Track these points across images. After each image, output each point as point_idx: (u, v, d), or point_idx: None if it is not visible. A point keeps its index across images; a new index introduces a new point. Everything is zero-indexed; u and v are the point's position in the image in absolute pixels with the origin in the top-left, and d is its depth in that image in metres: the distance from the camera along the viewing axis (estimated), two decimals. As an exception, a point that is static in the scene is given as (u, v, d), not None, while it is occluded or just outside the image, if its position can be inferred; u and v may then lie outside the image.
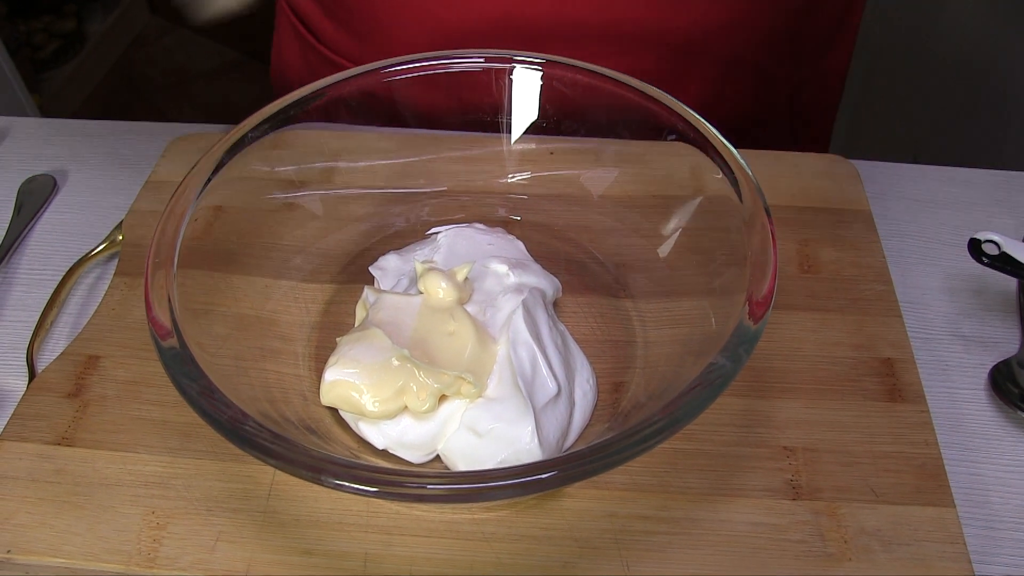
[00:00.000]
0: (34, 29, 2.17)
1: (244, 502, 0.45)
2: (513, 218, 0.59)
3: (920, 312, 0.56)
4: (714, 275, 0.48)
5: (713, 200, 0.49)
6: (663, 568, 0.42)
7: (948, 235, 0.61)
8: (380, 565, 0.42)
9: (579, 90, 0.54)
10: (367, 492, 0.34)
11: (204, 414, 0.37)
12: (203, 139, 0.66)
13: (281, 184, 0.56)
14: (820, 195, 0.61)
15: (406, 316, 0.47)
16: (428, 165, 0.61)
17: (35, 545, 0.43)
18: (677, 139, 0.50)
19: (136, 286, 0.55)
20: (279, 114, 0.51)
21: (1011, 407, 0.50)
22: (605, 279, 0.55)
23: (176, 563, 0.42)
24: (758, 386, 0.49)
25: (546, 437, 0.43)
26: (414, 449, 0.45)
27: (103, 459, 0.46)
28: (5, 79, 1.74)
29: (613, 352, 0.51)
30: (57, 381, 0.50)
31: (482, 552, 0.43)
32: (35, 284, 0.59)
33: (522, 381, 0.44)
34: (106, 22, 2.39)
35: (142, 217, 0.60)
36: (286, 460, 0.35)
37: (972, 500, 0.47)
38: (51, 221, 0.64)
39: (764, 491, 0.45)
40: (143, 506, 0.44)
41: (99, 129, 0.71)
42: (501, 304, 0.48)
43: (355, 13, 0.70)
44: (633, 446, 0.35)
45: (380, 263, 0.53)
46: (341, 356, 0.45)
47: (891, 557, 0.42)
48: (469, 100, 0.56)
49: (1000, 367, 0.52)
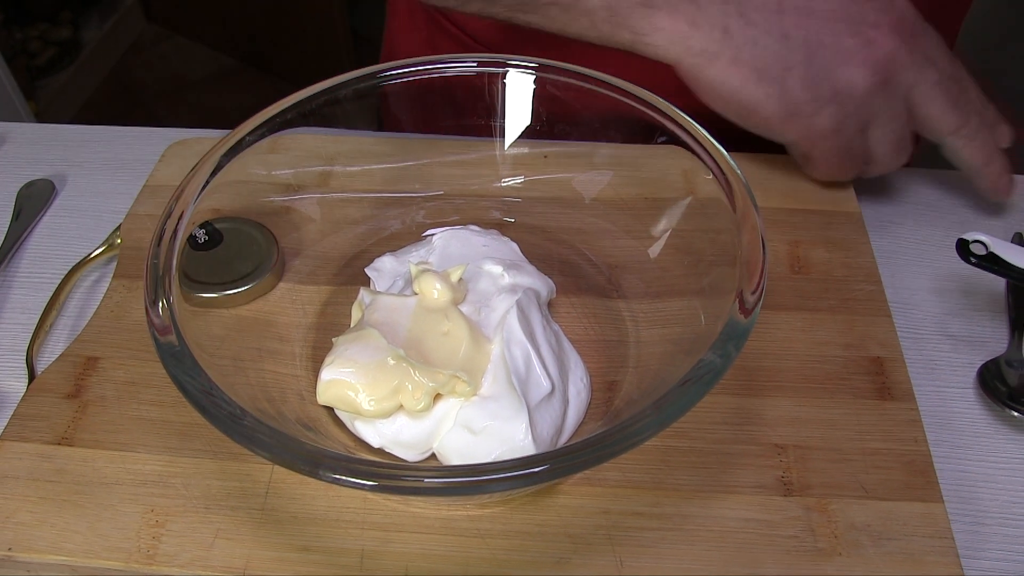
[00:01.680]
0: (30, 36, 2.18)
1: (242, 500, 0.45)
2: (507, 220, 0.59)
3: (909, 312, 0.57)
4: (705, 275, 0.49)
5: (704, 202, 0.50)
6: (656, 563, 0.43)
7: (937, 236, 0.62)
8: (377, 561, 0.43)
9: (572, 94, 0.54)
10: (365, 486, 0.35)
11: (203, 410, 0.38)
12: (200, 144, 0.66)
13: (278, 188, 0.56)
14: (811, 197, 0.61)
15: (401, 316, 0.48)
16: (423, 169, 0.61)
17: (36, 543, 0.43)
18: (669, 142, 0.50)
19: (135, 288, 0.56)
20: (276, 118, 0.52)
21: (999, 405, 0.51)
22: (598, 280, 0.55)
23: (175, 560, 0.43)
24: (750, 385, 0.50)
25: (540, 434, 0.43)
26: (410, 447, 0.45)
27: (103, 458, 0.47)
28: (2, 86, 1.74)
29: (606, 351, 0.51)
30: (57, 382, 0.50)
31: (477, 548, 0.43)
32: (34, 287, 0.59)
33: (516, 379, 0.44)
34: (102, 29, 2.40)
35: (140, 221, 0.60)
36: (284, 455, 0.36)
37: (960, 496, 0.48)
38: (50, 225, 0.64)
39: (756, 487, 0.45)
40: (142, 504, 0.45)
41: (97, 134, 0.72)
42: (496, 304, 0.48)
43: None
44: (624, 440, 0.36)
45: (376, 265, 0.54)
46: (337, 356, 0.46)
47: (880, 552, 0.43)
48: (463, 104, 0.57)
49: (988, 365, 0.53)
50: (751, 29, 0.55)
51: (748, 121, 0.57)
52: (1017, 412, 0.50)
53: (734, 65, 0.55)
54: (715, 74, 0.55)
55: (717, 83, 0.55)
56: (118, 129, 0.73)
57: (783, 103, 0.55)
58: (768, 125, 0.57)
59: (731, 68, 0.55)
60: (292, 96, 0.53)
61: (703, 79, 0.56)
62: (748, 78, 0.55)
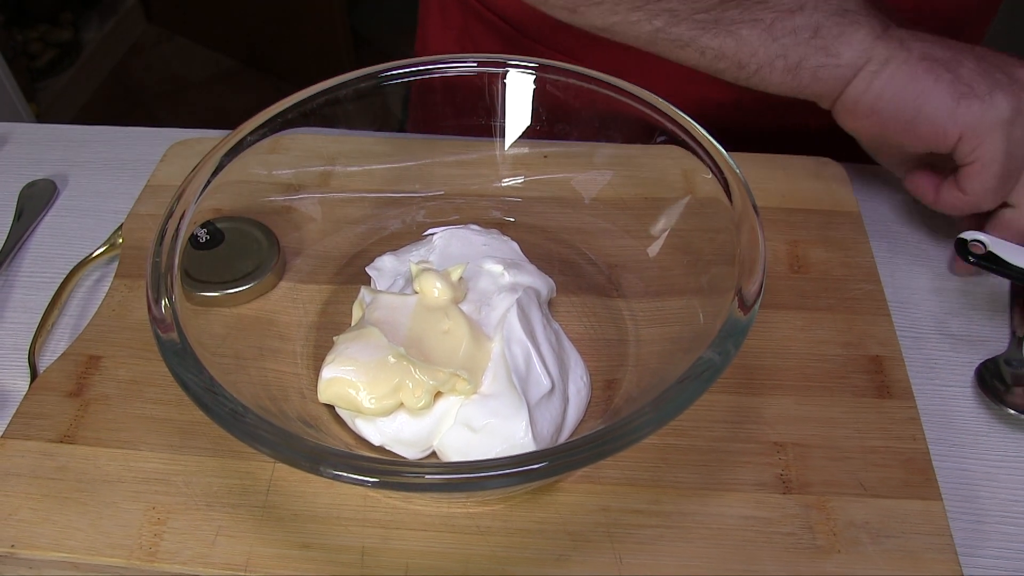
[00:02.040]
0: (31, 38, 2.18)
1: (243, 498, 0.45)
2: (508, 220, 0.60)
3: (909, 311, 0.57)
4: (704, 274, 0.49)
5: (703, 201, 0.50)
6: (655, 560, 0.43)
7: (936, 236, 0.62)
8: (377, 559, 0.43)
9: (572, 94, 0.55)
10: (366, 482, 0.35)
11: (205, 407, 0.38)
12: (201, 144, 0.66)
13: (279, 187, 0.56)
14: (810, 197, 0.62)
15: (402, 315, 0.48)
16: (423, 169, 0.61)
17: (38, 540, 0.44)
18: (668, 142, 0.51)
19: (136, 288, 0.56)
20: (276, 118, 0.52)
21: (997, 403, 0.51)
22: (598, 279, 0.56)
23: (177, 557, 0.43)
24: (749, 383, 0.50)
25: (540, 432, 0.44)
26: (410, 445, 0.46)
27: (105, 456, 0.47)
28: (3, 88, 1.75)
29: (606, 350, 0.52)
30: (59, 381, 0.51)
31: (477, 545, 0.43)
32: (36, 287, 0.59)
33: (516, 377, 0.44)
34: (102, 31, 2.40)
35: (142, 220, 0.61)
36: (286, 451, 0.36)
37: (960, 495, 0.48)
38: (51, 225, 0.64)
39: (755, 485, 0.46)
40: (144, 502, 0.45)
41: (98, 134, 0.72)
42: (496, 303, 0.48)
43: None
44: (623, 436, 0.36)
45: (376, 264, 0.54)
46: (338, 354, 0.46)
47: (879, 549, 0.43)
48: (464, 104, 0.57)
49: (987, 364, 0.53)
50: (925, 44, 0.55)
51: (915, 122, 0.55)
52: (1014, 411, 0.50)
53: (906, 64, 0.54)
54: (888, 75, 0.54)
55: (889, 85, 0.54)
56: (119, 129, 0.73)
57: (956, 85, 0.53)
58: (937, 116, 0.54)
59: (904, 67, 0.54)
60: (293, 96, 0.53)
61: (874, 87, 0.55)
62: (920, 69, 0.54)
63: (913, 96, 0.54)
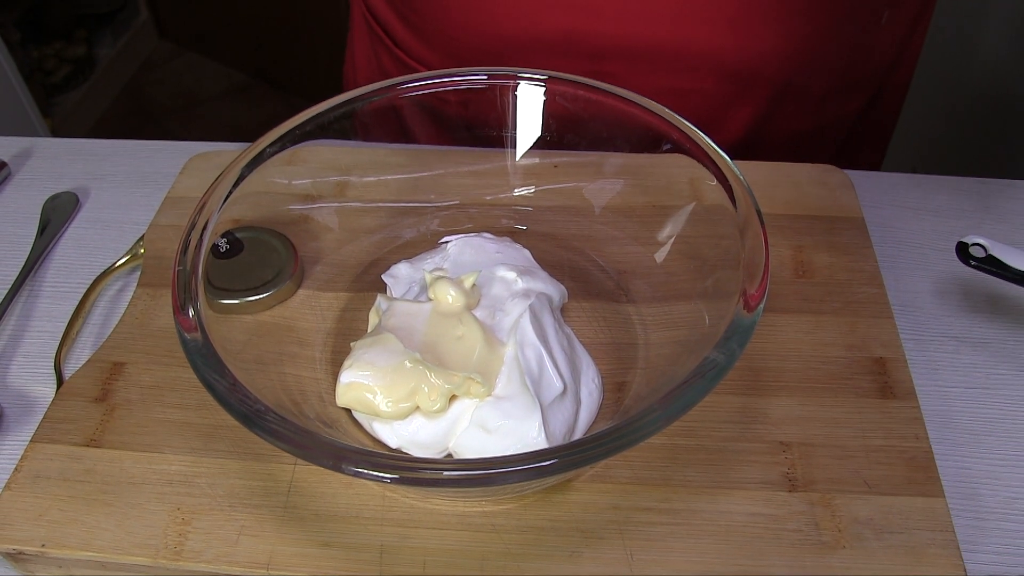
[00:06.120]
0: (46, 55, 2.21)
1: (265, 498, 0.47)
2: (520, 228, 0.61)
3: (912, 314, 0.58)
4: (710, 278, 0.50)
5: (709, 208, 0.51)
6: (665, 557, 0.44)
7: (939, 241, 0.63)
8: (395, 556, 0.44)
9: (581, 105, 0.56)
10: (386, 479, 0.36)
11: (229, 407, 0.39)
12: (219, 156, 0.68)
13: (297, 198, 0.58)
14: (815, 203, 0.63)
15: (417, 321, 0.49)
16: (437, 179, 0.63)
17: (68, 540, 0.45)
18: (674, 151, 0.52)
19: (158, 296, 0.57)
20: (295, 130, 0.53)
21: None
22: (608, 285, 0.57)
23: (201, 556, 0.44)
24: (755, 384, 0.51)
25: (553, 432, 0.45)
26: (426, 447, 0.47)
27: (130, 459, 0.49)
28: (19, 103, 1.77)
29: (616, 354, 0.53)
30: (84, 387, 0.52)
31: (492, 543, 0.45)
32: (61, 296, 0.61)
33: (529, 379, 0.46)
34: (115, 47, 2.43)
35: (163, 231, 0.62)
36: (308, 449, 0.37)
37: (962, 493, 0.49)
38: (75, 236, 0.66)
39: (761, 483, 0.47)
40: (169, 503, 0.47)
41: (119, 148, 0.74)
42: (509, 308, 0.50)
43: (427, 20, 0.73)
44: (632, 434, 0.37)
45: (392, 272, 0.56)
46: (356, 360, 0.48)
47: (883, 545, 0.44)
48: (476, 116, 0.58)
49: None
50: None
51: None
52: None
53: None
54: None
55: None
56: (139, 143, 0.74)
57: None
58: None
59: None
60: (310, 109, 0.54)
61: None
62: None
63: None
